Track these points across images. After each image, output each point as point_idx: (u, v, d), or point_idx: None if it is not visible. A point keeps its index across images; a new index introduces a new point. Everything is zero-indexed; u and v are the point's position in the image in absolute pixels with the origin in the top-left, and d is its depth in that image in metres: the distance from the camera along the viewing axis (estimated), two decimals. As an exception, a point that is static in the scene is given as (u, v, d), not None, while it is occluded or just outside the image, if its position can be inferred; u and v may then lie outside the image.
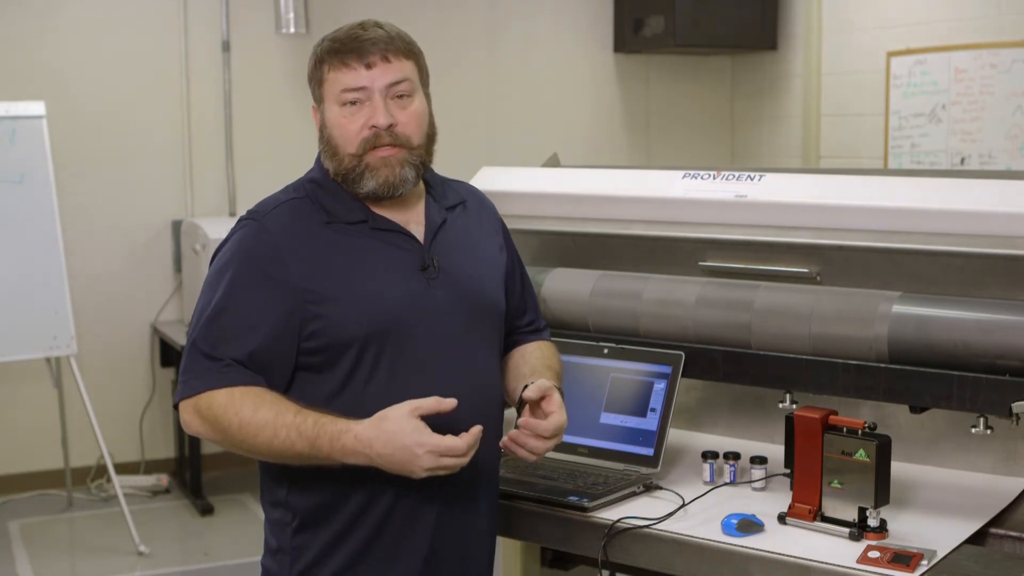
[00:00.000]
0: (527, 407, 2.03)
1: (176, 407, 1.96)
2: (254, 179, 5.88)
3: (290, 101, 5.79)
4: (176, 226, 5.77)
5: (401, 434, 1.82)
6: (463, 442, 1.84)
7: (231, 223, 2.03)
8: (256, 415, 1.86)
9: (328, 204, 2.00)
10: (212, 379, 1.90)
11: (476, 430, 1.86)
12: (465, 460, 1.86)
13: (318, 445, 1.84)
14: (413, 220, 2.04)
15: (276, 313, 1.91)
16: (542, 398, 2.01)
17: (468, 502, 2.01)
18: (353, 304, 1.93)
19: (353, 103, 1.96)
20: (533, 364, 2.15)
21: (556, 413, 2.00)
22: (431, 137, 2.04)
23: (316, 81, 2.01)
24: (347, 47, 1.96)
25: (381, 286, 1.96)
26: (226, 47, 5.87)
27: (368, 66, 1.95)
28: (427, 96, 2.05)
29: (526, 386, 2.05)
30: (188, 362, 1.94)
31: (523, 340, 2.23)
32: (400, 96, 1.97)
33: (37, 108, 4.96)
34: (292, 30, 5.74)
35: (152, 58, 5.74)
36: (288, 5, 5.73)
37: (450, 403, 1.86)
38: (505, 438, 1.99)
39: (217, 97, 5.88)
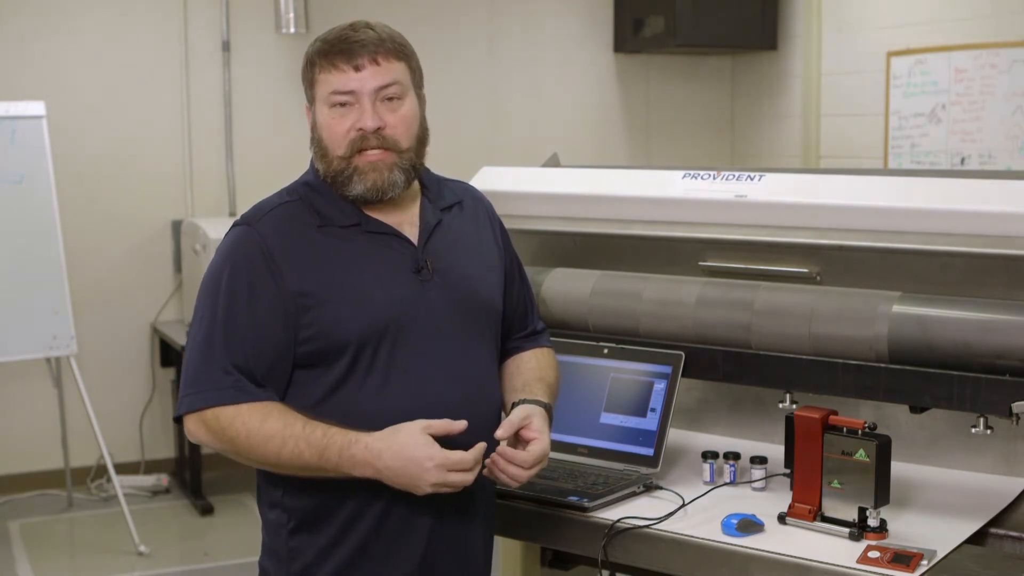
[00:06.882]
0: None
1: (178, 420, 1.94)
2: (254, 179, 5.86)
3: (290, 101, 5.77)
4: (176, 226, 5.77)
5: (412, 447, 1.83)
6: (470, 456, 1.85)
7: (231, 223, 2.03)
8: (264, 426, 1.86)
9: (321, 207, 1.98)
10: (217, 396, 1.89)
11: (481, 446, 1.87)
12: (471, 477, 1.86)
13: (327, 456, 1.84)
14: (407, 222, 2.02)
15: (273, 319, 1.91)
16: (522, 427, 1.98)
17: (464, 505, 2.00)
18: (346, 308, 1.92)
19: (343, 105, 1.94)
20: (526, 377, 2.13)
21: (536, 440, 1.97)
22: (422, 139, 2.02)
23: (308, 82, 2.00)
24: (336, 49, 1.94)
25: (374, 289, 1.95)
26: (226, 47, 5.87)
27: (357, 68, 1.93)
28: (420, 97, 2.03)
29: (515, 404, 2.04)
30: (193, 374, 1.92)
31: (521, 347, 2.21)
32: (390, 99, 1.95)
33: (37, 108, 4.95)
34: (292, 30, 5.74)
35: (152, 58, 5.74)
36: (288, 5, 5.73)
37: (460, 425, 1.87)
38: (488, 460, 1.95)
39: (217, 97, 5.88)
